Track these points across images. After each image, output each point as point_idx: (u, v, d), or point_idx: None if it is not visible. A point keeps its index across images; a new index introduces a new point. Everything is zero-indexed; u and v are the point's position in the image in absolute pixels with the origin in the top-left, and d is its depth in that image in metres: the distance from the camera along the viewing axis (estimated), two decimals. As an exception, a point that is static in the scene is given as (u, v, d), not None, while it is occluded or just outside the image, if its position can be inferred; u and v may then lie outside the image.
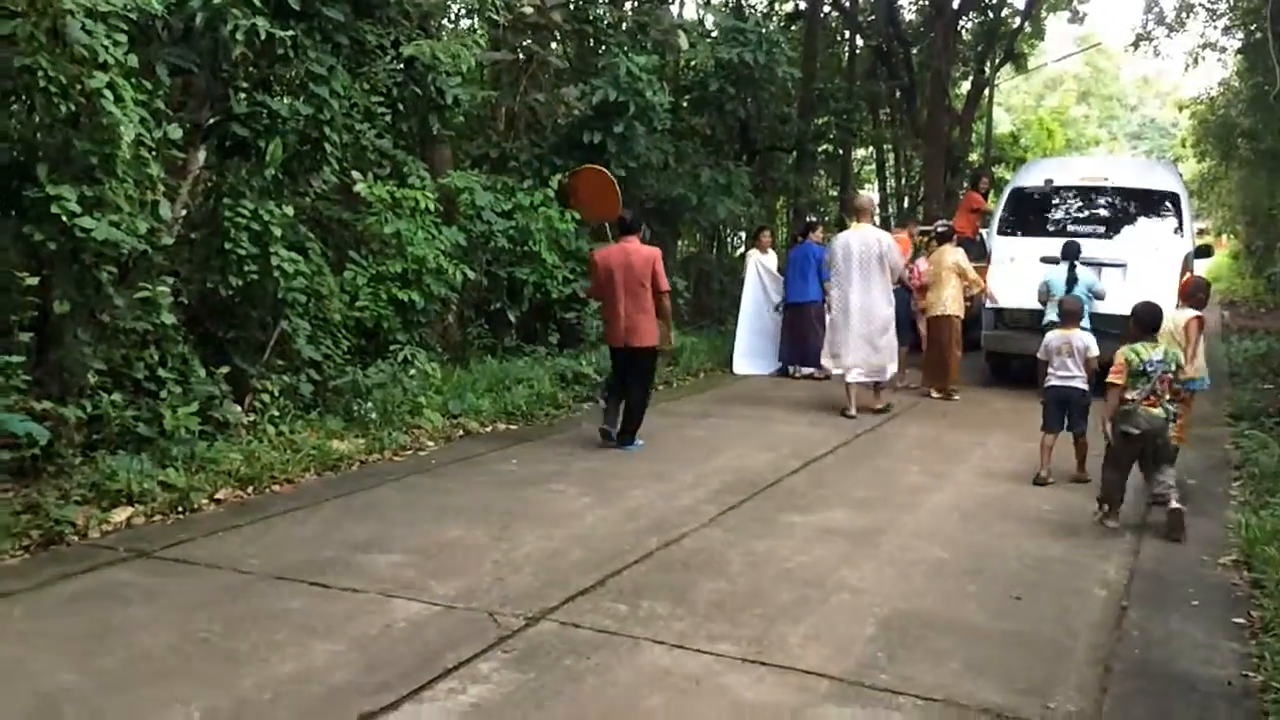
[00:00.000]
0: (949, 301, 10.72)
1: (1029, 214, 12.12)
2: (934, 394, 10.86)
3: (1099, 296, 10.12)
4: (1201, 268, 24.56)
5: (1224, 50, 27.29)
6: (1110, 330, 8.70)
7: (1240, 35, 25.54)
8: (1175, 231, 11.34)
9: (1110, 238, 11.33)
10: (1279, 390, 11.13)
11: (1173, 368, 6.18)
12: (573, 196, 9.95)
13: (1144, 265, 10.74)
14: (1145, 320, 6.41)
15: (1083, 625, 4.67)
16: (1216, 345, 15.80)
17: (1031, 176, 12.81)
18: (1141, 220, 11.73)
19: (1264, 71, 20.84)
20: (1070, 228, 11.61)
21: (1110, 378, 6.25)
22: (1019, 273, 11.20)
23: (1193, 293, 7.70)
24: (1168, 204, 11.70)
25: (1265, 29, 20.02)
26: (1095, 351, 7.25)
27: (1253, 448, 7.95)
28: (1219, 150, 30.94)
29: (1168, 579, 5.33)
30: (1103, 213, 11.84)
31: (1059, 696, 3.91)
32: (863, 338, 9.86)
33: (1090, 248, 10.81)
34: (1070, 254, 10.24)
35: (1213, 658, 4.35)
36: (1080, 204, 12.07)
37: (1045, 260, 10.76)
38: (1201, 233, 34.45)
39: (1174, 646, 4.46)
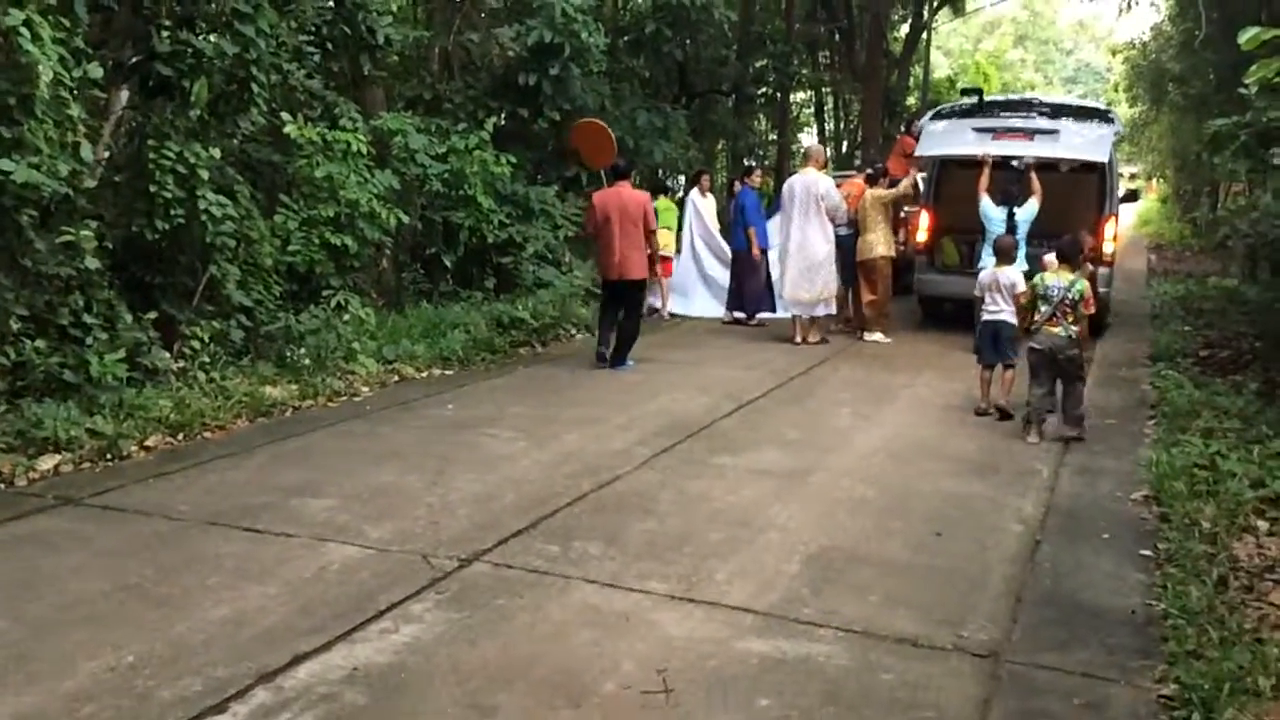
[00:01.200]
0: (877, 244, 10.86)
1: (958, 111, 12.60)
2: (865, 336, 11.03)
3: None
4: (1130, 211, 24.92)
5: (1157, -5, 27.62)
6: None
7: (1172, -20, 25.85)
8: (1105, 119, 11.97)
9: (1042, 117, 11.81)
10: (1196, 332, 11.51)
11: (1075, 296, 6.90)
12: (574, 145, 11.17)
13: (1075, 132, 11.38)
14: (1062, 250, 7.12)
15: (998, 559, 4.85)
16: (1140, 288, 16.24)
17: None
18: (1072, 110, 12.31)
19: (1194, 17, 21.14)
20: (1002, 114, 12.11)
21: (1088, 309, 7.02)
22: (950, 133, 11.88)
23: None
24: (1096, 111, 12.47)
25: (1195, -26, 20.29)
26: (1022, 287, 7.55)
27: (1168, 387, 8.24)
28: (1150, 95, 31.33)
29: (1081, 514, 5.54)
30: (1034, 108, 12.28)
31: (971, 626, 4.09)
32: (801, 272, 10.64)
33: (1024, 122, 11.53)
34: (1009, 198, 10.41)
35: (1119, 588, 4.55)
36: (1011, 106, 12.55)
37: (978, 130, 11.38)
38: (1132, 177, 35.09)
39: (1083, 578, 4.65)
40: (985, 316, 7.83)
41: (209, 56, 7.53)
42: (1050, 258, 7.26)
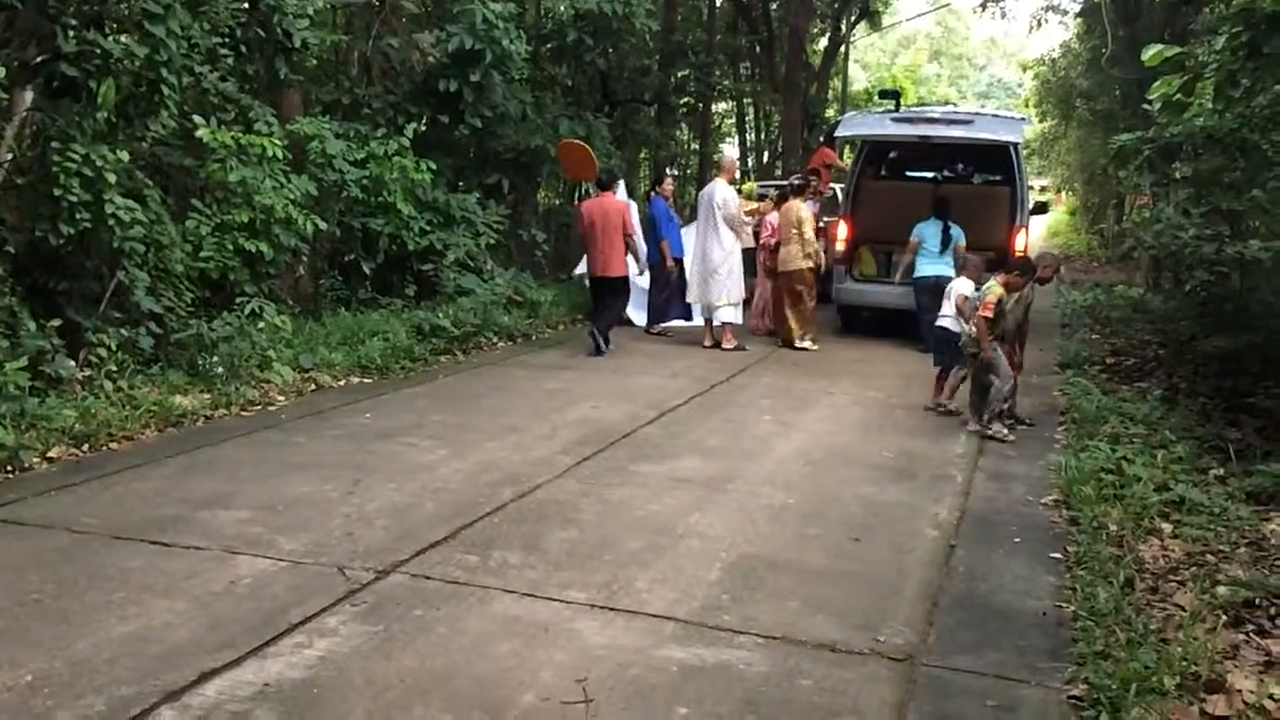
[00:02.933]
0: (799, 255, 10.96)
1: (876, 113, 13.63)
2: (797, 344, 11.08)
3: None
4: (1040, 223, 25.76)
5: (1065, 13, 28.45)
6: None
7: (1080, -1, 26.65)
8: (1020, 120, 13.24)
9: (957, 114, 12.83)
10: (1103, 340, 11.84)
11: (979, 298, 7.60)
12: (561, 162, 12.94)
13: (988, 121, 12.30)
14: (1027, 269, 7.83)
15: (914, 564, 4.93)
16: (1051, 296, 16.64)
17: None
18: (986, 113, 13.68)
19: (1100, 34, 21.81)
20: (917, 111, 13.39)
21: (981, 312, 7.49)
22: (869, 120, 13.10)
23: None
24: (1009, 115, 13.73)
25: (1101, -6, 20.94)
26: (963, 292, 8.04)
27: (1076, 394, 8.46)
28: (1059, 110, 32.26)
29: (994, 519, 5.66)
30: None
31: (888, 630, 4.14)
32: (703, 277, 11.07)
33: (941, 113, 12.59)
34: (942, 211, 10.83)
35: (1031, 590, 4.65)
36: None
37: (896, 119, 12.27)
38: (1042, 190, 36.02)
39: (996, 581, 4.75)
40: (937, 321, 8.32)
41: (117, 57, 7.30)
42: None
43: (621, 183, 13.00)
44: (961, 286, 8.13)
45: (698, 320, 11.83)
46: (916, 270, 10.85)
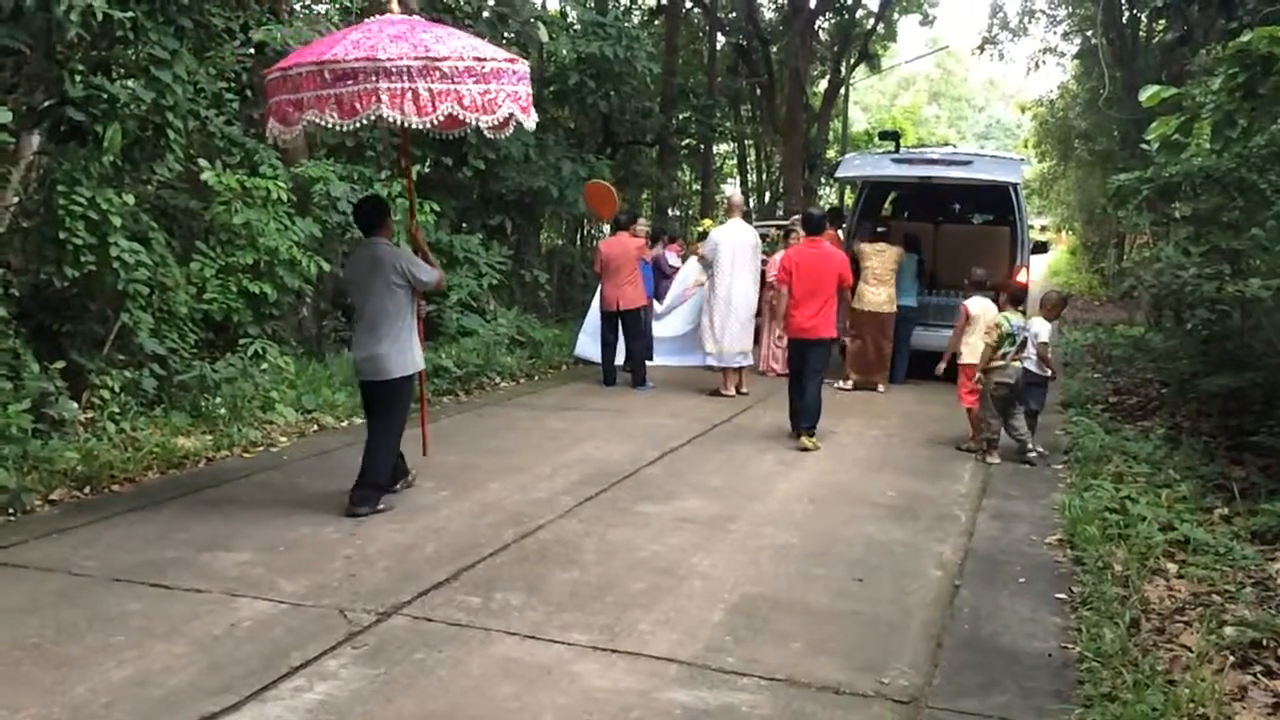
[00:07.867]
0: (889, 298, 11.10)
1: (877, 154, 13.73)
2: (881, 387, 11.12)
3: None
4: (1041, 262, 25.81)
5: (1063, 55, 28.76)
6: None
7: (1077, 41, 26.94)
8: (1019, 161, 13.29)
9: (957, 155, 12.79)
10: (1105, 379, 11.84)
11: (1031, 333, 7.99)
12: (586, 202, 13.46)
13: (987, 162, 12.38)
14: (1015, 295, 8.27)
15: (918, 604, 4.90)
16: (1053, 336, 16.65)
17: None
18: (985, 154, 13.81)
19: (1098, 76, 22.01)
20: (917, 152, 13.57)
21: (983, 337, 7.98)
22: (869, 162, 13.00)
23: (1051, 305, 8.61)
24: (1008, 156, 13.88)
25: (1099, 35, 21.19)
26: (1044, 339, 8.26)
27: (1080, 433, 8.44)
28: (1058, 151, 32.50)
29: (998, 559, 5.63)
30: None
31: (893, 671, 4.11)
32: (740, 324, 10.64)
33: (941, 154, 12.72)
34: (914, 246, 11.32)
35: (1036, 631, 4.62)
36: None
37: (896, 160, 12.36)
38: (1043, 229, 36.16)
39: (1001, 621, 4.72)
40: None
41: (123, 102, 7.38)
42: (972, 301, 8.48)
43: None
44: (1043, 330, 8.20)
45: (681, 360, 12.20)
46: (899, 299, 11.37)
